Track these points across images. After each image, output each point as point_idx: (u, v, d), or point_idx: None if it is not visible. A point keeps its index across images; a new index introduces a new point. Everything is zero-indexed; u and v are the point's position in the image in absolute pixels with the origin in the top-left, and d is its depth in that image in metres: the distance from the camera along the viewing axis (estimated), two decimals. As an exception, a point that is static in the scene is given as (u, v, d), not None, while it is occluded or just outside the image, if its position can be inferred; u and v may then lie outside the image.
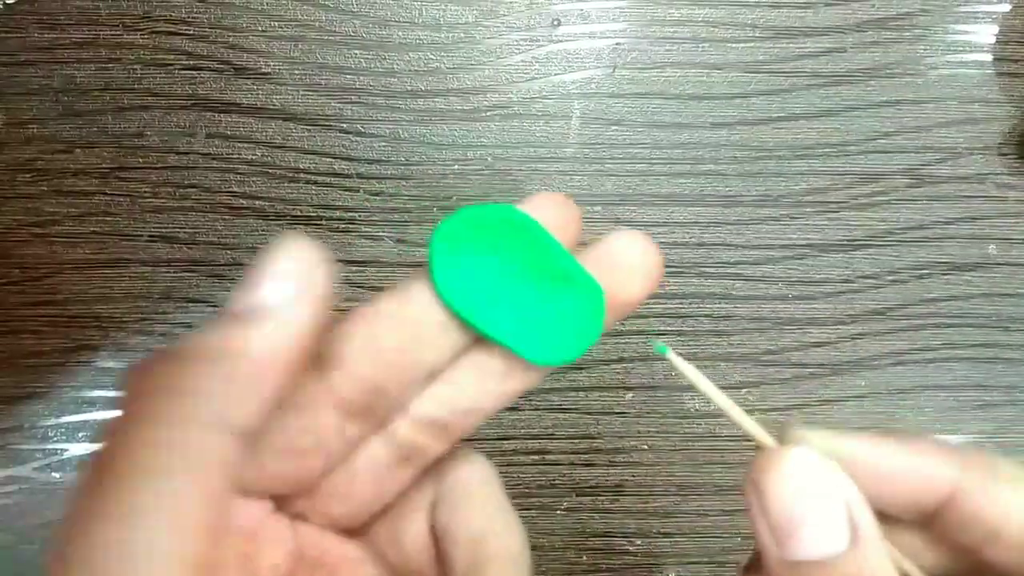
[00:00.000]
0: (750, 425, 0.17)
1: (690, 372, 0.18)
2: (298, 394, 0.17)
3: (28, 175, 0.43)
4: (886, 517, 0.17)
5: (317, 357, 0.17)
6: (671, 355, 0.18)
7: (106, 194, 0.43)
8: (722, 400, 0.18)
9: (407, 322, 0.17)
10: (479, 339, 0.17)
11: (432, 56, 0.43)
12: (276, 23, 0.43)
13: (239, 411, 0.14)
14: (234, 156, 0.43)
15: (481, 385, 0.17)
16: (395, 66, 0.43)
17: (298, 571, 0.17)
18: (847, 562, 0.15)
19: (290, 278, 0.16)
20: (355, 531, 0.19)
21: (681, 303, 0.44)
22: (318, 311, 0.16)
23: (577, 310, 0.17)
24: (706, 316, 0.44)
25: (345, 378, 0.17)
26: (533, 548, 0.45)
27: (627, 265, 0.18)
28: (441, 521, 0.18)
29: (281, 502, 0.18)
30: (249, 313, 0.15)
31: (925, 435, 0.17)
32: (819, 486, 0.15)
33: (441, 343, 0.17)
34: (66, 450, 0.43)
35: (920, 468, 0.17)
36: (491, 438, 0.44)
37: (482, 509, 0.18)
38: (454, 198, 0.43)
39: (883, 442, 0.18)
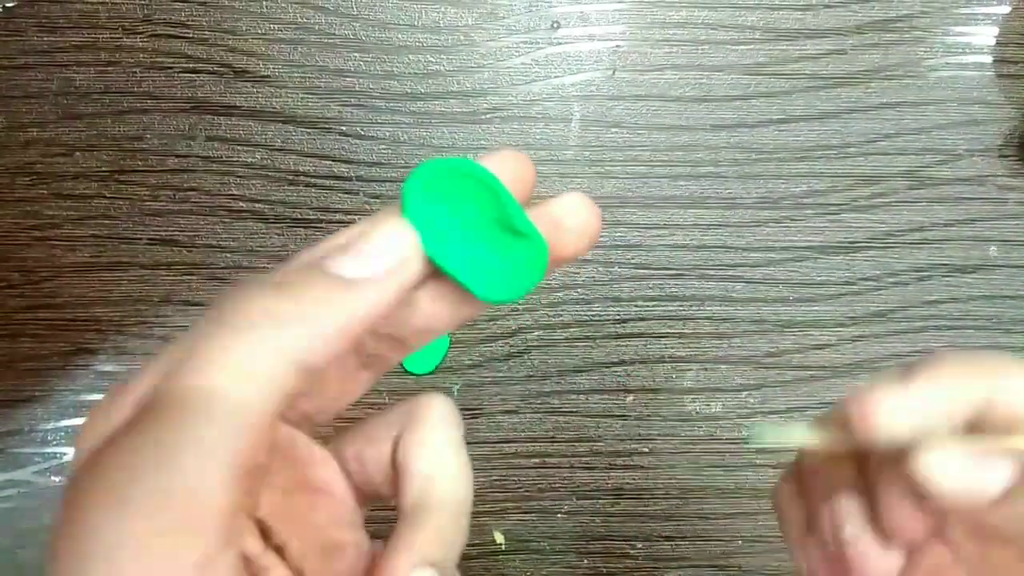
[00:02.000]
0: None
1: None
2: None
3: (27, 178, 0.43)
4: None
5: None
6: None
7: (105, 197, 0.43)
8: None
9: None
10: (437, 272, 0.19)
11: (432, 59, 0.43)
12: (276, 26, 0.43)
13: (311, 354, 0.15)
14: (234, 159, 0.43)
15: (435, 309, 0.19)
16: (395, 69, 0.43)
17: (271, 461, 0.18)
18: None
19: (390, 257, 0.17)
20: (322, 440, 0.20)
21: (681, 305, 0.44)
22: (399, 294, 0.17)
23: (523, 259, 0.20)
24: (706, 318, 0.44)
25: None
26: (533, 552, 0.45)
27: (570, 225, 0.20)
28: (400, 453, 0.19)
29: None
30: (347, 275, 0.17)
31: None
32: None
33: None
34: (65, 454, 0.43)
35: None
36: (492, 441, 0.44)
37: (437, 449, 0.19)
38: (454, 201, 0.43)
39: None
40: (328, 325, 0.16)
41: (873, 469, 0.21)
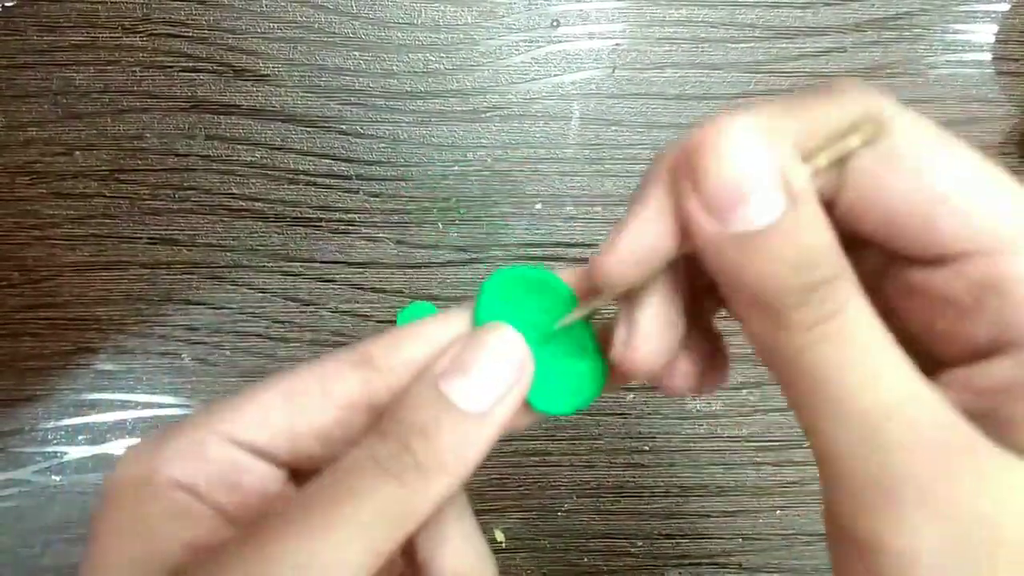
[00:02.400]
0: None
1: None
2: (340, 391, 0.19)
3: (27, 178, 0.43)
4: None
5: (365, 361, 0.19)
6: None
7: (105, 196, 0.43)
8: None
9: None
10: None
11: (431, 57, 0.43)
12: (275, 25, 0.43)
13: (431, 508, 0.17)
14: (233, 158, 0.43)
15: None
16: (394, 67, 0.43)
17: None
18: (787, 222, 0.15)
19: (509, 367, 0.17)
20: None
21: (681, 304, 0.44)
22: (514, 412, 0.18)
23: (582, 376, 0.19)
24: (707, 317, 0.44)
25: (381, 384, 0.19)
26: (534, 550, 0.45)
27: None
28: (423, 550, 0.19)
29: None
30: (469, 400, 0.17)
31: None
32: (756, 158, 0.15)
33: None
34: (66, 453, 0.43)
35: (811, 128, 0.16)
36: (492, 439, 0.44)
37: (463, 548, 0.19)
38: (454, 199, 0.43)
39: (783, 107, 0.17)
40: (466, 461, 0.17)
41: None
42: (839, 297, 0.15)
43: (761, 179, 0.15)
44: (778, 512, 0.44)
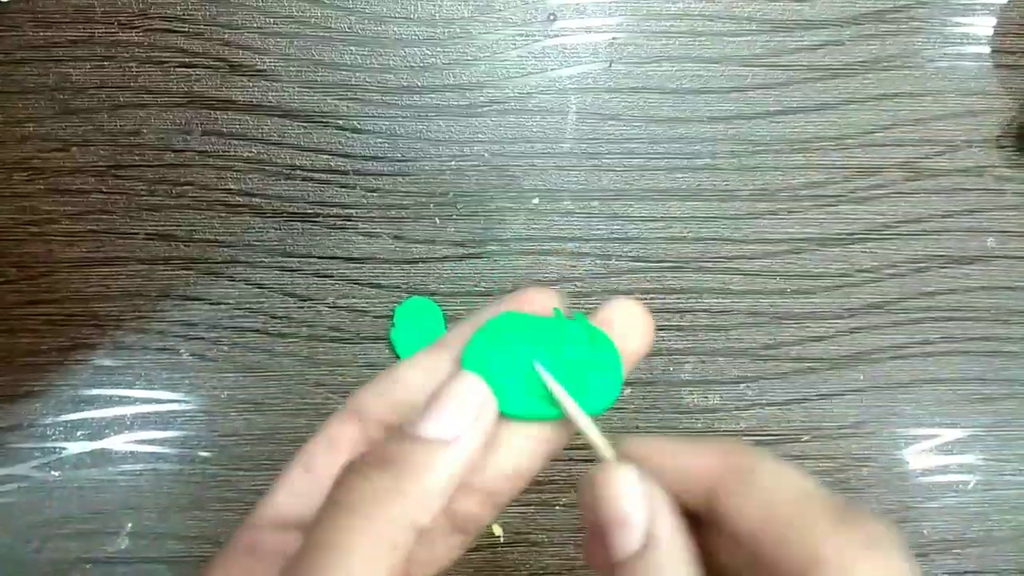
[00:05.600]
0: (598, 441, 0.21)
1: (553, 385, 0.20)
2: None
3: (24, 174, 0.43)
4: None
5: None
6: (541, 369, 0.20)
7: (103, 192, 0.43)
8: (572, 407, 0.20)
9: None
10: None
11: (428, 52, 0.43)
12: (271, 20, 0.43)
13: (421, 515, 0.18)
14: (230, 153, 0.43)
15: (516, 448, 0.21)
16: (391, 62, 0.43)
17: None
18: (643, 561, 0.17)
19: (468, 410, 0.19)
20: None
21: (679, 298, 0.44)
22: (485, 439, 0.19)
23: (599, 367, 0.20)
24: (704, 311, 0.44)
25: (377, 428, 0.21)
26: (532, 544, 0.45)
27: (628, 327, 0.21)
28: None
29: None
30: (434, 436, 0.18)
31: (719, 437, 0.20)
32: (628, 498, 0.18)
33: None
34: (64, 448, 0.43)
35: (690, 467, 0.19)
36: (489, 434, 0.44)
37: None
38: (451, 194, 0.43)
39: (672, 446, 0.20)
40: (432, 487, 0.18)
41: None
42: None
43: (627, 517, 0.18)
44: (776, 506, 0.44)
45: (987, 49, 0.44)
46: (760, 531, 0.17)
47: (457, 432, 0.18)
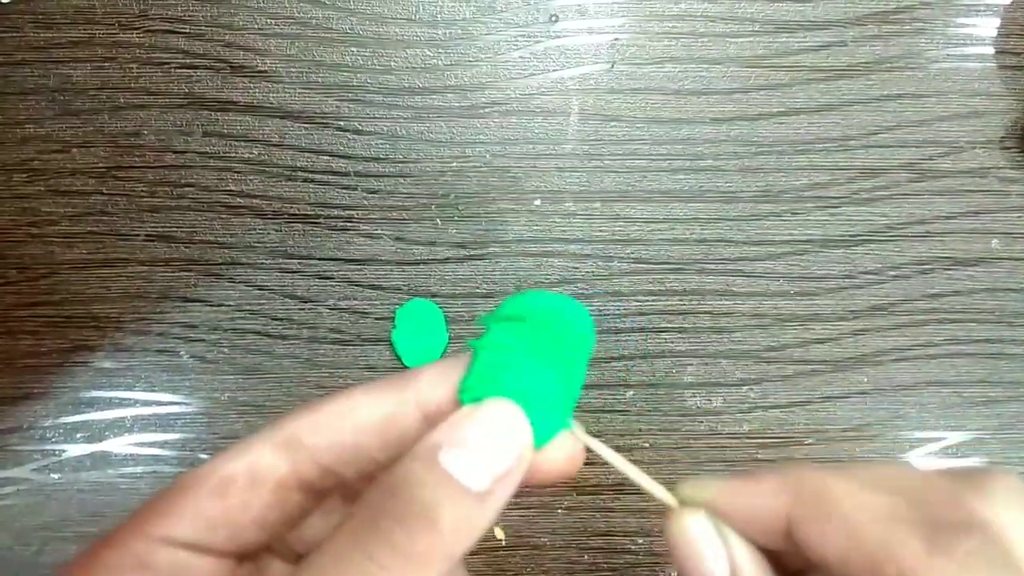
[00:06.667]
0: (655, 489, 0.20)
1: (596, 444, 0.20)
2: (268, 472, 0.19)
3: (24, 175, 0.43)
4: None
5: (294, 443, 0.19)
6: (580, 432, 0.19)
7: (103, 194, 0.43)
8: (627, 467, 0.20)
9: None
10: None
11: (429, 53, 0.43)
12: (272, 21, 0.42)
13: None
14: (231, 155, 0.43)
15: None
16: (392, 63, 0.43)
17: None
18: None
19: (510, 454, 0.17)
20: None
21: (682, 299, 0.44)
22: (510, 495, 0.17)
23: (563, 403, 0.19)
24: (707, 313, 0.44)
25: (310, 466, 0.19)
26: (533, 547, 0.45)
27: (549, 461, 0.19)
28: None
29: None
30: (473, 486, 0.16)
31: (779, 468, 0.18)
32: (706, 546, 0.18)
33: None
34: (64, 451, 0.43)
35: (759, 505, 0.18)
36: (491, 437, 0.43)
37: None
38: (452, 195, 0.43)
39: (733, 486, 0.19)
40: (467, 545, 0.16)
41: None
42: None
43: (709, 565, 0.18)
44: (779, 509, 0.44)
45: (991, 50, 0.43)
46: (847, 561, 0.16)
47: (497, 471, 0.16)
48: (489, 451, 0.16)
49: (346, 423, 0.18)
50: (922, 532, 0.15)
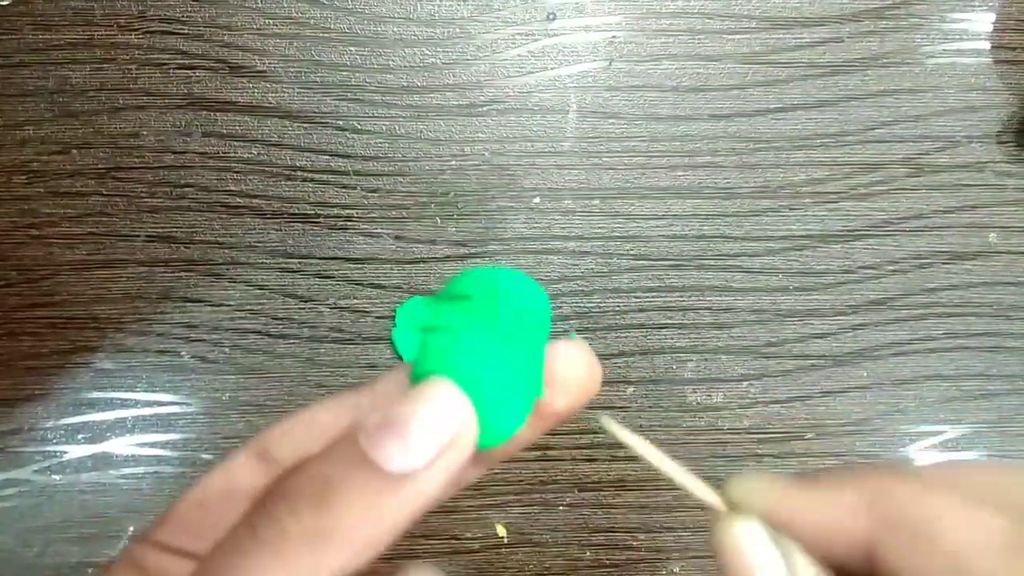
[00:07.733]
0: (696, 488, 0.19)
1: (630, 439, 0.18)
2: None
3: (24, 177, 0.43)
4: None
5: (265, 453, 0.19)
6: (612, 425, 0.18)
7: (102, 195, 0.43)
8: (668, 465, 0.18)
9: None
10: None
11: (427, 52, 0.43)
12: (271, 21, 0.43)
13: (350, 565, 0.15)
14: (230, 155, 0.43)
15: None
16: (390, 62, 0.43)
17: None
18: None
19: (442, 433, 0.15)
20: None
21: (681, 296, 0.44)
22: (452, 476, 0.15)
23: (520, 398, 0.17)
24: (706, 308, 0.44)
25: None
26: (535, 544, 0.45)
27: (565, 379, 0.18)
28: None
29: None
30: (395, 467, 0.15)
31: (854, 472, 0.17)
32: (761, 561, 0.17)
33: None
34: (65, 452, 0.43)
35: (831, 520, 0.17)
36: (492, 434, 0.43)
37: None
38: (452, 193, 0.43)
39: (796, 492, 0.17)
40: (372, 535, 0.14)
41: None
42: None
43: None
44: (780, 504, 0.44)
45: (987, 45, 0.44)
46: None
47: (421, 463, 0.14)
48: (415, 430, 0.15)
49: (311, 432, 0.18)
50: None
